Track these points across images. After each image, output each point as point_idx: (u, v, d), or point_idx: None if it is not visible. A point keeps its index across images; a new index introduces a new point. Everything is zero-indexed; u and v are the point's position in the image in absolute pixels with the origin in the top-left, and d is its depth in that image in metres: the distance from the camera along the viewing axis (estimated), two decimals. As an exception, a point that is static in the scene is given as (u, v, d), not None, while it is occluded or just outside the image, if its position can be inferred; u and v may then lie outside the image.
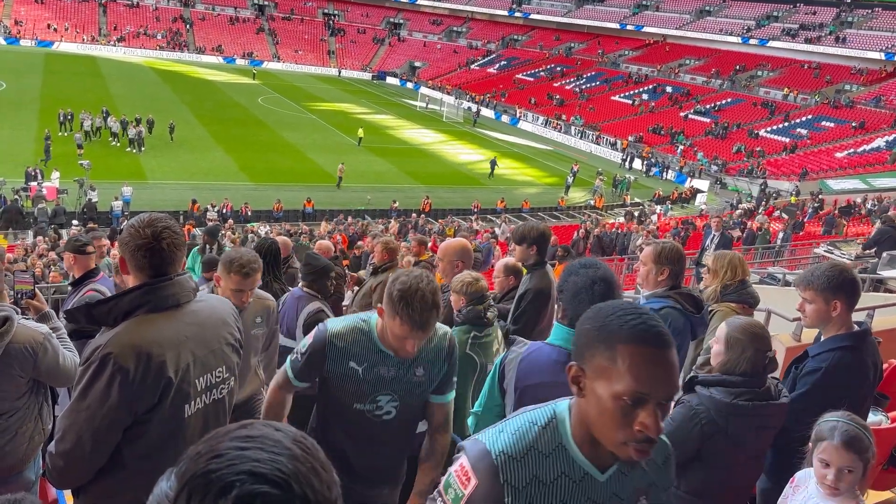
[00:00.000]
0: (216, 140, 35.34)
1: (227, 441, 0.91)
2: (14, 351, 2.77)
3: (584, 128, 50.31)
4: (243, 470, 0.86)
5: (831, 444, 2.39)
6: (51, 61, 51.91)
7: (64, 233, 19.89)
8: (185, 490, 0.87)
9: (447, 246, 4.71)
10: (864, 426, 2.42)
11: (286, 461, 0.88)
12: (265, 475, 0.86)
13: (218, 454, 0.88)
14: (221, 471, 0.86)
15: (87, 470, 2.16)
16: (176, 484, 0.89)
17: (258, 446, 0.89)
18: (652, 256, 3.57)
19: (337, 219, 24.97)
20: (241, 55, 66.55)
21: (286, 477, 0.86)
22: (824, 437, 2.42)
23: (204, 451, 0.90)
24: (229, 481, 0.85)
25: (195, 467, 0.88)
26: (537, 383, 2.46)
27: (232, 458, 0.87)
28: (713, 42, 58.55)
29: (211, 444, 0.91)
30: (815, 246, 16.26)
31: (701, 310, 3.55)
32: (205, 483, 0.86)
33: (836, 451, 2.37)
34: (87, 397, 2.07)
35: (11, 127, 32.43)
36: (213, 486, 0.85)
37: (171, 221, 2.26)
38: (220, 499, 0.84)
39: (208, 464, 0.88)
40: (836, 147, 41.02)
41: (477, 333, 3.70)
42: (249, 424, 0.95)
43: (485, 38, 74.44)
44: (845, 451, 2.36)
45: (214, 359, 2.30)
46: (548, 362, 2.46)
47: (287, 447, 0.90)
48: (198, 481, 0.86)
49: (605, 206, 33.30)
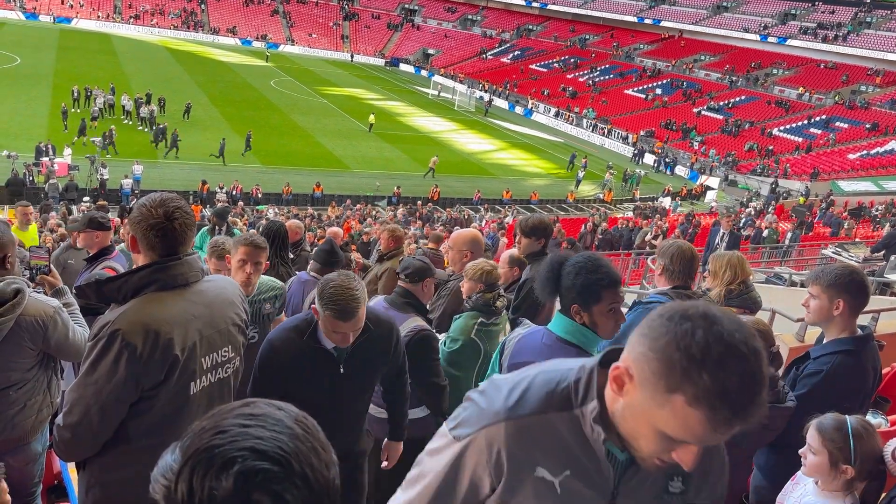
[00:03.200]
0: (228, 121, 35.35)
1: (230, 418, 0.94)
2: (25, 323, 2.82)
3: (596, 121, 50.09)
4: (245, 447, 0.89)
5: (811, 424, 2.50)
6: (65, 38, 51.95)
7: (74, 209, 19.99)
8: (189, 464, 0.89)
9: (458, 235, 4.76)
10: (864, 427, 2.44)
11: (287, 440, 0.91)
12: (266, 452, 0.89)
13: (221, 430, 0.91)
14: (224, 447, 0.89)
15: (93, 443, 2.20)
16: (180, 458, 0.91)
17: (260, 424, 0.92)
18: (659, 253, 3.61)
19: (344, 204, 25.02)
20: (256, 37, 66.43)
21: (287, 455, 0.89)
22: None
23: (208, 427, 0.93)
24: (231, 457, 0.88)
25: (199, 442, 0.91)
26: (523, 362, 2.50)
27: (235, 434, 0.90)
28: (729, 38, 58.05)
29: (215, 421, 0.94)
30: (823, 247, 16.19)
31: None
32: (208, 458, 0.88)
33: (810, 430, 2.49)
34: (95, 372, 2.11)
35: (26, 101, 32.55)
36: (215, 460, 0.88)
37: (182, 202, 2.28)
38: (222, 473, 0.87)
39: (212, 439, 0.90)
40: (849, 148, 40.72)
41: (484, 320, 3.74)
42: (252, 403, 0.98)
43: (499, 28, 74.01)
44: (815, 432, 2.45)
45: (220, 338, 2.33)
46: (537, 344, 2.50)
47: (288, 426, 0.93)
48: (201, 456, 0.89)
49: (615, 201, 33.22)
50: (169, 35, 62.63)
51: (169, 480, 0.91)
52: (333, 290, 2.64)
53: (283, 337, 2.85)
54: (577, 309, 2.39)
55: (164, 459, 0.94)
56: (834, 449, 2.39)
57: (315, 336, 2.81)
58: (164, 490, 0.91)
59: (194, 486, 0.87)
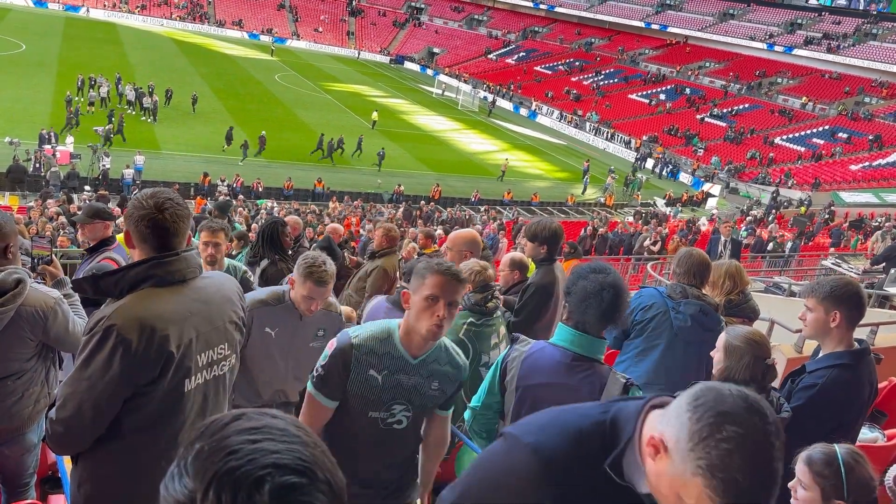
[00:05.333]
0: (231, 114, 35.34)
1: (233, 436, 0.91)
2: (25, 313, 2.82)
3: (599, 124, 50.09)
4: (267, 463, 0.87)
5: (800, 457, 2.37)
6: (70, 26, 51.91)
7: (75, 197, 19.98)
8: (212, 490, 0.86)
9: (457, 236, 4.75)
10: (854, 459, 2.33)
11: (302, 449, 0.90)
12: (289, 466, 0.87)
13: (232, 451, 0.89)
14: (245, 467, 0.87)
15: (85, 438, 2.19)
16: (195, 484, 0.88)
17: (268, 437, 0.90)
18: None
19: (344, 201, 25.03)
20: (261, 31, 66.39)
21: (309, 465, 0.89)
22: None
23: (215, 448, 0.90)
24: (258, 476, 0.86)
25: (213, 467, 0.88)
26: (538, 384, 2.48)
27: (248, 452, 0.88)
28: (735, 46, 58.06)
29: (216, 440, 0.91)
30: (823, 258, 16.21)
31: (686, 297, 3.71)
32: (231, 481, 0.86)
33: (798, 464, 2.36)
34: (90, 367, 2.10)
35: (29, 88, 32.53)
36: (241, 483, 0.86)
37: (174, 194, 2.27)
38: (255, 493, 0.85)
39: (226, 461, 0.88)
40: (851, 159, 40.73)
41: (474, 321, 3.70)
42: (243, 415, 0.95)
43: (505, 28, 73.99)
44: (805, 467, 2.33)
45: (217, 336, 2.32)
46: (550, 363, 2.47)
47: (295, 435, 0.92)
48: (223, 480, 0.86)
49: (616, 205, 33.25)
50: (177, 26, 62.60)
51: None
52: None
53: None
54: None
55: (170, 489, 0.90)
56: (826, 485, 2.28)
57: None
58: None
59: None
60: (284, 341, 3.48)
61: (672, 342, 3.63)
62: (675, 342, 3.63)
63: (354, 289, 6.25)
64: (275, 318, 3.45)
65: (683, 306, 3.67)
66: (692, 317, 3.64)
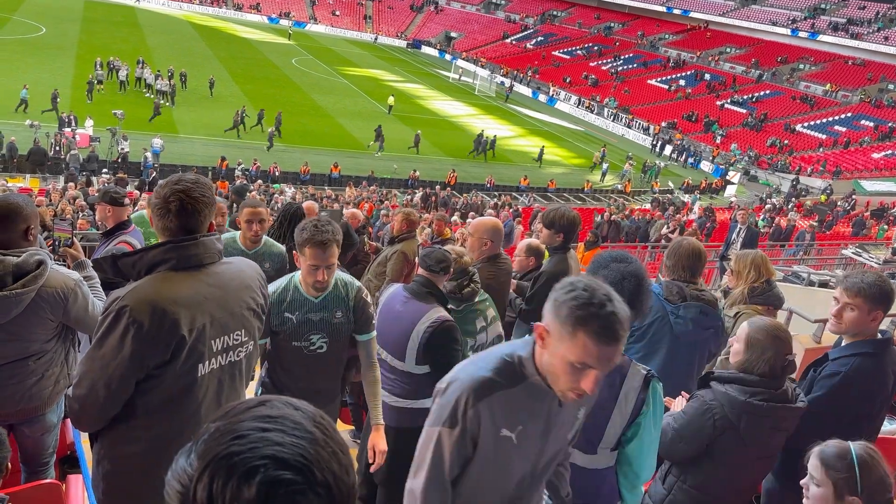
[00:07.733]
0: (249, 98, 35.40)
1: (247, 420, 0.91)
2: (46, 295, 2.84)
3: (618, 110, 49.65)
4: (266, 455, 0.86)
5: (812, 453, 2.33)
6: (90, 9, 52.11)
7: (94, 180, 20.14)
8: (208, 472, 0.87)
9: (479, 223, 4.74)
10: (868, 454, 2.26)
11: (308, 445, 0.89)
12: (287, 461, 0.86)
13: (239, 435, 0.89)
14: (244, 454, 0.86)
15: (100, 416, 2.22)
16: (197, 463, 0.89)
17: (279, 428, 0.89)
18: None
19: (361, 186, 25.02)
20: (279, 14, 66.27)
21: (308, 463, 0.87)
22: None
23: (225, 430, 0.90)
24: (253, 465, 0.85)
25: (217, 448, 0.88)
26: None
27: (254, 440, 0.88)
28: (757, 31, 57.17)
29: (231, 423, 0.91)
30: (843, 247, 16.02)
31: (685, 300, 3.54)
32: (227, 466, 0.86)
33: (811, 460, 2.32)
34: (103, 346, 2.12)
35: (50, 71, 32.73)
36: (235, 469, 0.86)
37: (198, 179, 2.28)
38: (244, 484, 0.84)
39: (230, 445, 0.88)
40: (873, 147, 40.10)
41: (454, 307, 3.70)
42: (268, 402, 0.95)
43: (523, 13, 73.31)
44: (818, 462, 2.28)
45: (234, 321, 2.32)
46: None
47: (309, 430, 0.91)
48: (220, 463, 0.87)
49: (633, 192, 33.00)
50: (196, 10, 62.63)
51: (185, 486, 0.88)
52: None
53: None
54: None
55: (177, 463, 0.91)
56: (839, 480, 2.22)
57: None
58: (180, 496, 0.89)
59: (214, 493, 0.86)
60: (533, 441, 2.10)
61: (674, 346, 3.48)
62: (677, 346, 3.48)
63: (374, 274, 6.22)
64: (514, 409, 2.04)
65: (683, 310, 3.48)
66: (693, 320, 3.48)
